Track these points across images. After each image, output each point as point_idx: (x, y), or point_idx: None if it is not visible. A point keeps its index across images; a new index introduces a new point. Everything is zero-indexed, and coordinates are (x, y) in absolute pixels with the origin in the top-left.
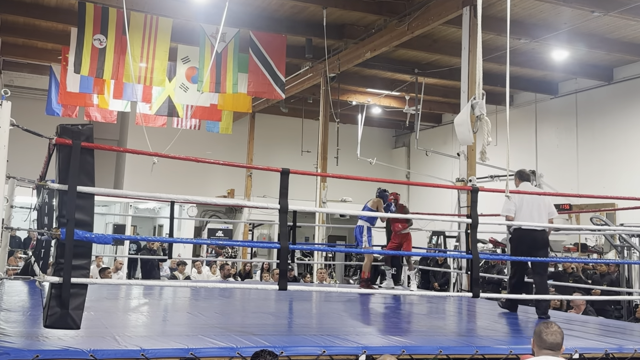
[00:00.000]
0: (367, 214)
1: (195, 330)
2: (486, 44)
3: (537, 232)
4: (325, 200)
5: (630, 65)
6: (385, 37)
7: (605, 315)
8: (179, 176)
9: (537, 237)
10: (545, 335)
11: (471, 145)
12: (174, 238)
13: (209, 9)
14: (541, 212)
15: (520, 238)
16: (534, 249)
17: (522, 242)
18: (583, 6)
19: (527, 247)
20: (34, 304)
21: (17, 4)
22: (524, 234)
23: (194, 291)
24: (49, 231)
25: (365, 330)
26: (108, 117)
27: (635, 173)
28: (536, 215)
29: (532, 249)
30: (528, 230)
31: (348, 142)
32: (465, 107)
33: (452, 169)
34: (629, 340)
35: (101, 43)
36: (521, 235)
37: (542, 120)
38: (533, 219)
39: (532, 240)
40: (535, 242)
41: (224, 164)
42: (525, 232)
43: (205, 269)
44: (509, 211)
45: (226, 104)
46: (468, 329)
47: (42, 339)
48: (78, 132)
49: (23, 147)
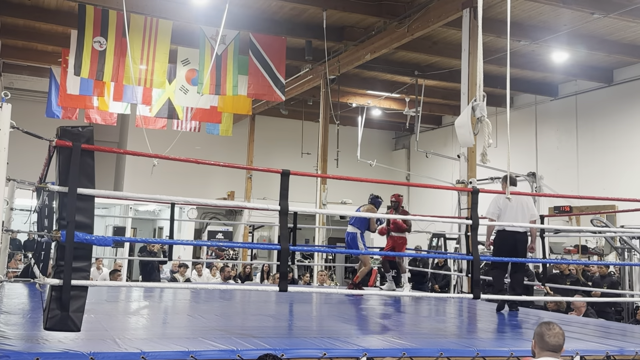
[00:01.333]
0: (364, 214)
1: (195, 333)
2: (486, 46)
3: (520, 234)
4: (325, 202)
5: (630, 67)
6: (385, 39)
7: (606, 318)
8: (179, 178)
9: (519, 239)
10: (547, 337)
11: (471, 147)
12: (174, 240)
13: (208, 11)
14: (525, 215)
15: (504, 239)
16: (514, 249)
17: (505, 243)
18: (583, 8)
19: (509, 247)
20: (34, 306)
21: (17, 7)
22: (507, 236)
23: (194, 293)
24: (49, 233)
25: (365, 333)
26: (108, 119)
27: (635, 175)
28: (520, 217)
29: (513, 250)
30: (512, 233)
31: (348, 144)
32: (465, 109)
33: (452, 171)
34: (630, 343)
35: (101, 45)
36: (505, 237)
37: (542, 122)
38: (517, 221)
39: (514, 241)
40: (518, 243)
41: (224, 166)
42: (509, 234)
43: (205, 271)
44: (492, 214)
45: (226, 106)
46: (469, 330)
47: (42, 342)
48: (78, 134)
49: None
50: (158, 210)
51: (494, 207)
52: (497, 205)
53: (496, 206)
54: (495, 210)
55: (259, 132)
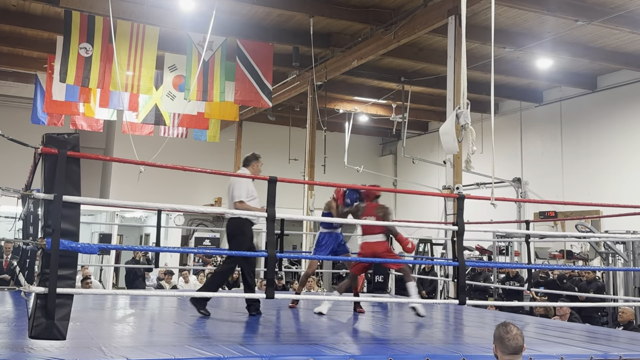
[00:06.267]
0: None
1: (182, 340)
2: (471, 53)
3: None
4: (312, 208)
5: (614, 74)
6: (371, 46)
7: (591, 322)
8: (166, 185)
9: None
10: (507, 341)
11: (457, 154)
12: (160, 247)
13: (196, 17)
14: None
15: (246, 227)
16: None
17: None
18: (567, 15)
19: (250, 238)
20: (19, 314)
21: (2, 12)
22: (247, 223)
23: (181, 301)
24: (35, 241)
25: (352, 339)
26: (94, 125)
27: (619, 180)
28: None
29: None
30: (250, 221)
31: (335, 150)
32: (450, 117)
33: (438, 176)
34: (614, 347)
35: (87, 52)
36: (245, 223)
37: (527, 128)
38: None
39: (251, 231)
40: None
41: (211, 172)
42: (249, 222)
43: (192, 278)
44: (241, 197)
45: (213, 112)
46: (455, 336)
47: (28, 350)
48: (64, 141)
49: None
50: (144, 217)
51: (252, 188)
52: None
53: (253, 188)
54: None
55: (246, 138)
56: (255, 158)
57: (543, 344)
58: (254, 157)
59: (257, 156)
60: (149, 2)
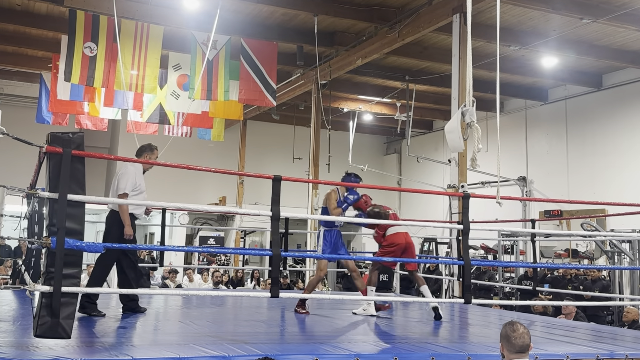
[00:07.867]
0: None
1: (187, 339)
2: (476, 51)
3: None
4: (317, 207)
5: (619, 72)
6: (376, 44)
7: (597, 321)
8: (171, 184)
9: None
10: (514, 339)
11: (462, 152)
12: (165, 246)
13: (200, 16)
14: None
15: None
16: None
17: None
18: (572, 13)
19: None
20: (24, 313)
21: (7, 12)
22: (130, 216)
23: (186, 299)
24: (40, 240)
25: (357, 338)
26: (99, 124)
27: (625, 179)
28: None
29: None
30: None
31: (339, 149)
32: (455, 115)
33: (443, 175)
34: (620, 346)
35: (92, 51)
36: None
37: (532, 126)
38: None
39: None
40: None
41: (215, 171)
42: (132, 215)
43: (196, 277)
44: (125, 189)
45: (217, 111)
46: (460, 335)
47: (33, 349)
48: (68, 140)
49: (13, 155)
50: (149, 216)
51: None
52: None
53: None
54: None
55: (250, 137)
56: (151, 149)
57: (549, 343)
58: (149, 147)
59: (152, 147)
60: (153, 1)
